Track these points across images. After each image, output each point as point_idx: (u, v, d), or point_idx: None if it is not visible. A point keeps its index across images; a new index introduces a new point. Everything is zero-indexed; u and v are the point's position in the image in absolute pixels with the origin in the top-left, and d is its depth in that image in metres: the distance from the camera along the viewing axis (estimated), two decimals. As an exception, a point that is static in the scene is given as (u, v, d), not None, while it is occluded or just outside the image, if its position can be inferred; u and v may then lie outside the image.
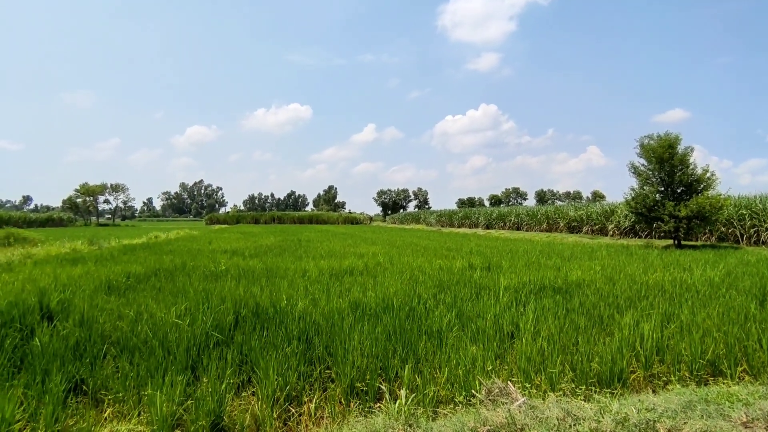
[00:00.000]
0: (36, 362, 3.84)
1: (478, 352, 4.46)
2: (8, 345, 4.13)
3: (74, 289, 6.81)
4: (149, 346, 4.30)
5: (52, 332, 4.35)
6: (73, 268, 10.28)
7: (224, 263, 10.79)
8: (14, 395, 3.18)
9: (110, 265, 11.16)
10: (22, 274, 9.23)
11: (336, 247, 18.49)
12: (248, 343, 4.42)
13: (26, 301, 5.36)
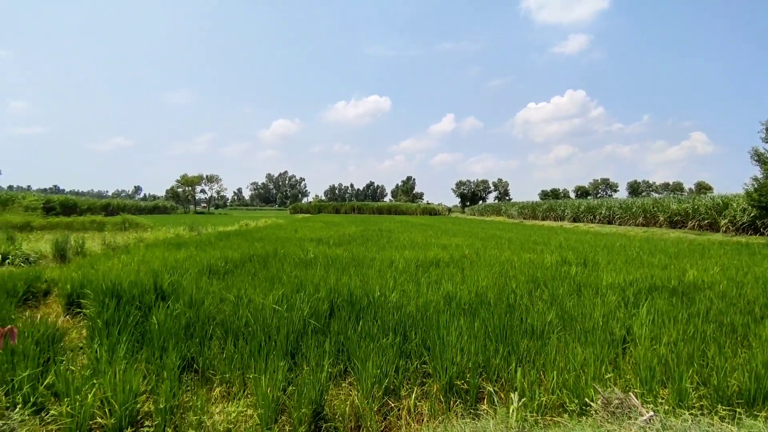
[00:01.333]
0: (154, 339, 4.17)
1: (588, 356, 4.09)
2: (131, 321, 4.54)
3: (182, 272, 7.38)
4: (250, 330, 4.49)
5: (167, 312, 4.70)
6: (177, 252, 11.22)
7: (312, 251, 11.15)
8: (139, 369, 3.44)
9: (209, 250, 12.03)
10: (137, 256, 10.24)
11: (417, 237, 18.41)
12: (344, 333, 4.45)
13: (143, 282, 5.88)
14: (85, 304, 5.69)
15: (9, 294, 6.14)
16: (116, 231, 21.70)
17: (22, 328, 4.30)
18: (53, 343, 4.08)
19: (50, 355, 3.90)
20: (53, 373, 3.42)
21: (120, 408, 3.07)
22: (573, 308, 5.72)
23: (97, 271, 7.92)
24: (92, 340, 4.34)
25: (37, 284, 7.07)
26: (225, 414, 3.25)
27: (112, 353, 3.77)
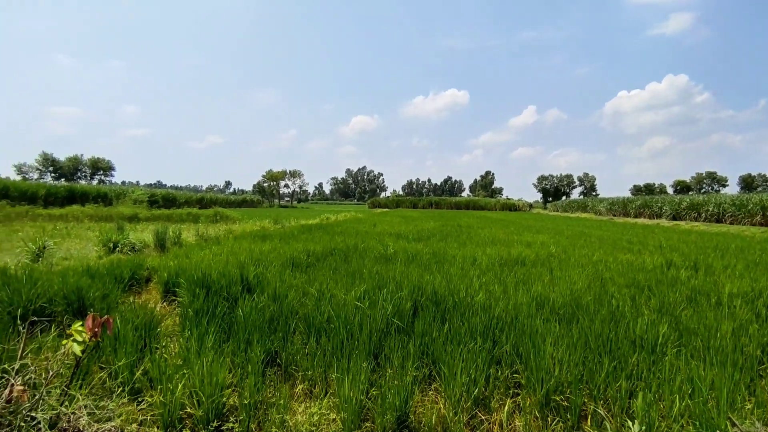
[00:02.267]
0: (240, 331, 4.23)
1: (716, 379, 3.48)
2: (219, 312, 4.67)
3: (266, 264, 7.60)
4: (332, 327, 4.41)
5: (252, 305, 4.78)
6: (262, 244, 11.70)
7: (392, 246, 11.06)
8: (225, 362, 3.48)
9: (292, 242, 12.41)
10: (226, 247, 10.82)
11: (498, 234, 17.69)
12: (429, 334, 4.21)
13: (231, 273, 6.10)
14: (179, 292, 6.01)
15: (117, 280, 6.68)
16: (209, 223, 23.38)
17: (124, 313, 4.58)
18: (150, 330, 4.29)
19: (147, 341, 4.11)
20: (149, 360, 3.56)
21: (207, 400, 3.10)
22: (689, 320, 5.00)
23: (190, 261, 8.44)
24: (183, 328, 4.52)
25: (140, 272, 7.64)
26: (307, 415, 3.17)
27: (201, 344, 3.86)
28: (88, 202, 31.77)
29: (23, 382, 2.23)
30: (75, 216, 23.45)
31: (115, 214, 24.48)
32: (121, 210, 25.90)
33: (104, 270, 7.00)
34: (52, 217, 23.02)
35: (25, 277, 5.73)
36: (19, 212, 22.78)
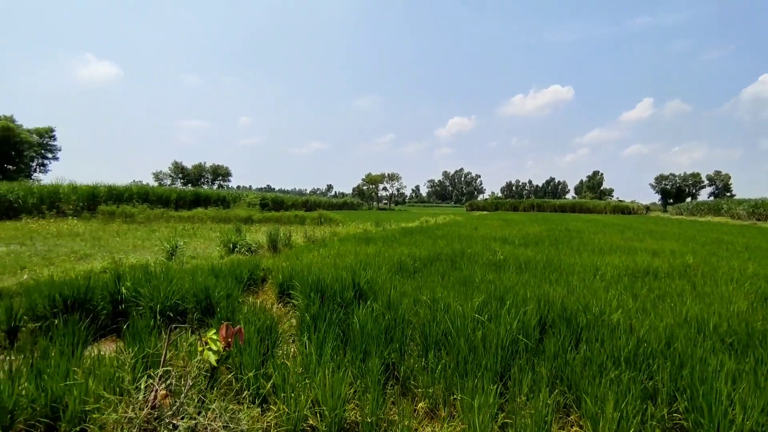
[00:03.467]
0: (356, 340, 4.13)
1: None
2: (334, 318, 4.62)
3: (375, 269, 7.55)
4: (451, 341, 4.13)
5: (367, 312, 4.67)
6: (366, 247, 11.81)
7: (500, 252, 10.48)
8: (347, 375, 3.36)
9: (395, 246, 12.37)
10: (333, 249, 11.09)
11: (615, 239, 16.06)
12: (562, 357, 3.74)
13: (343, 278, 6.10)
14: (294, 295, 6.15)
15: (237, 280, 7.07)
16: (314, 225, 24.51)
17: (246, 315, 4.75)
18: (270, 333, 4.37)
19: (269, 345, 4.17)
20: (271, 365, 3.58)
21: (330, 413, 3.00)
22: None
23: (301, 263, 8.73)
24: (301, 334, 4.54)
25: (256, 272, 8.05)
26: (434, 440, 2.92)
27: (320, 352, 3.80)
28: (210, 204, 35.15)
29: (165, 387, 2.31)
30: (200, 218, 26.04)
31: (233, 216, 26.74)
32: (238, 212, 28.20)
33: (226, 270, 7.46)
34: (181, 218, 25.80)
35: (162, 275, 6.28)
36: (156, 214, 25.87)
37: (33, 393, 3.27)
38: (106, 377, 3.37)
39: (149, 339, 4.08)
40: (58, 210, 25.25)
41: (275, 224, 23.85)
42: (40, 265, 8.97)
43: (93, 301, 5.62)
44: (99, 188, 29.37)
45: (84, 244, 13.20)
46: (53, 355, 3.74)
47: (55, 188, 27.31)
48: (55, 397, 3.23)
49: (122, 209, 25.58)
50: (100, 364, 3.66)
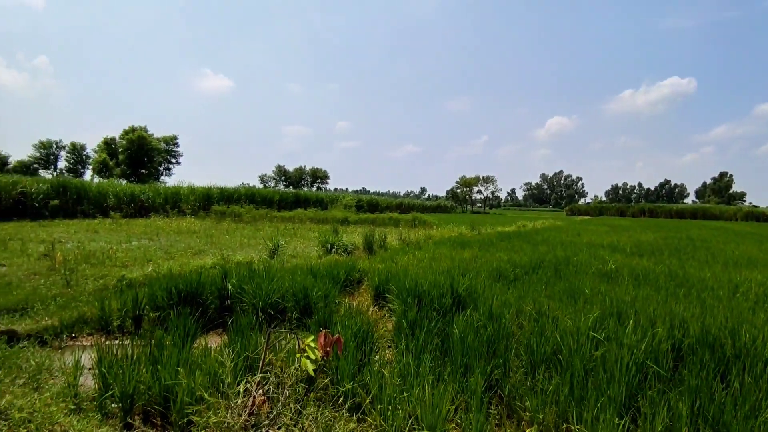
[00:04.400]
0: (456, 352, 3.86)
1: None
2: (432, 327, 4.40)
3: (472, 274, 7.19)
4: (562, 360, 3.69)
5: (467, 322, 4.38)
6: (462, 252, 11.42)
7: (610, 261, 9.49)
8: (447, 390, 3.11)
9: (492, 251, 11.82)
10: (428, 253, 10.88)
11: (751, 251, 13.86)
12: (705, 392, 3.13)
13: (441, 284, 5.85)
14: (390, 299, 6.04)
15: (334, 281, 7.16)
16: (408, 227, 24.53)
17: (343, 318, 4.70)
18: (367, 338, 4.27)
19: (365, 350, 4.07)
20: (368, 373, 3.45)
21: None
22: None
23: (396, 265, 8.65)
24: (398, 340, 4.38)
25: (353, 274, 8.11)
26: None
27: (419, 362, 3.59)
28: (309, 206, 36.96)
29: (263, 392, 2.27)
30: (300, 218, 27.42)
31: (330, 217, 27.78)
32: (335, 213, 29.24)
33: (324, 270, 7.60)
34: (283, 218, 27.37)
35: (265, 273, 6.54)
36: (261, 214, 27.75)
37: (149, 380, 3.48)
38: (211, 371, 3.49)
39: (251, 336, 4.20)
40: (179, 209, 28.19)
41: (370, 226, 24.29)
42: (163, 259, 9.92)
43: (203, 295, 6.01)
44: (212, 190, 32.30)
45: (199, 240, 14.46)
46: (167, 344, 3.98)
47: (177, 190, 30.55)
48: (167, 386, 3.41)
49: (232, 209, 27.82)
50: (207, 357, 3.82)
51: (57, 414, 2.99)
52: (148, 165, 49.79)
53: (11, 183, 22.52)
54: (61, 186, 24.20)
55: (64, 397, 3.49)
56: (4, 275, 7.79)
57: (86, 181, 30.44)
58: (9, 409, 2.85)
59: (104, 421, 3.25)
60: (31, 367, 4.13)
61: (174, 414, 3.22)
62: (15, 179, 23.31)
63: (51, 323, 5.50)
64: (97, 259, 9.52)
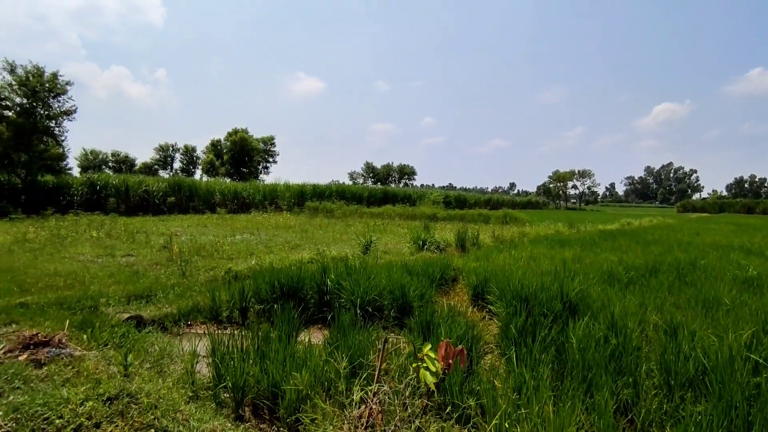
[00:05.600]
0: (575, 366, 3.46)
1: None
2: (543, 335, 4.01)
3: (579, 276, 6.57)
4: (710, 384, 3.13)
5: (585, 331, 3.93)
6: (562, 251, 10.64)
7: (750, 266, 8.20)
8: (574, 411, 2.75)
9: (596, 251, 10.88)
10: (524, 252, 10.28)
11: None
12: None
13: (546, 285, 5.40)
14: (491, 300, 5.71)
15: (429, 279, 6.96)
16: (498, 224, 23.63)
17: (444, 319, 4.48)
18: (472, 344, 4.01)
19: (471, 357, 3.81)
20: (477, 383, 3.20)
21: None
22: None
23: (492, 264, 8.24)
24: (505, 347, 4.07)
25: (447, 272, 7.86)
26: None
27: (534, 375, 3.25)
28: (397, 202, 37.23)
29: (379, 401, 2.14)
30: (388, 214, 27.66)
31: (418, 213, 27.68)
32: (423, 210, 29.09)
33: (419, 268, 7.43)
34: (372, 214, 27.80)
35: (361, 270, 6.52)
36: (351, 210, 28.44)
37: (258, 374, 3.54)
38: (317, 370, 3.46)
39: (353, 334, 4.14)
40: (276, 205, 29.84)
41: (459, 222, 23.77)
42: (264, 253, 10.43)
43: (303, 290, 6.13)
44: (306, 187, 33.77)
45: (294, 235, 15.08)
46: (273, 338, 4.05)
47: (274, 187, 32.39)
48: (275, 382, 3.44)
49: (324, 205, 28.86)
50: (311, 355, 3.82)
51: (179, 401, 3.12)
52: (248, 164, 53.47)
53: (137, 182, 25.40)
54: (176, 184, 26.80)
55: (183, 383, 3.68)
56: (133, 264, 8.66)
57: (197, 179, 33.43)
58: (138, 394, 3.03)
59: (219, 411, 3.36)
60: (155, 351, 4.45)
61: (282, 410, 3.24)
62: (140, 179, 26.28)
63: (170, 311, 5.95)
64: (206, 252, 10.25)
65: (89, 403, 2.82)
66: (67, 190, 23.09)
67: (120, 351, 4.13)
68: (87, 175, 25.77)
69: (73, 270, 7.75)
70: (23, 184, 21.57)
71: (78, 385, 3.20)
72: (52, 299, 5.86)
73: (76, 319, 5.04)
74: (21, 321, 5.00)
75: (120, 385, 3.13)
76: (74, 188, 23.35)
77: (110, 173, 37.78)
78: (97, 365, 3.78)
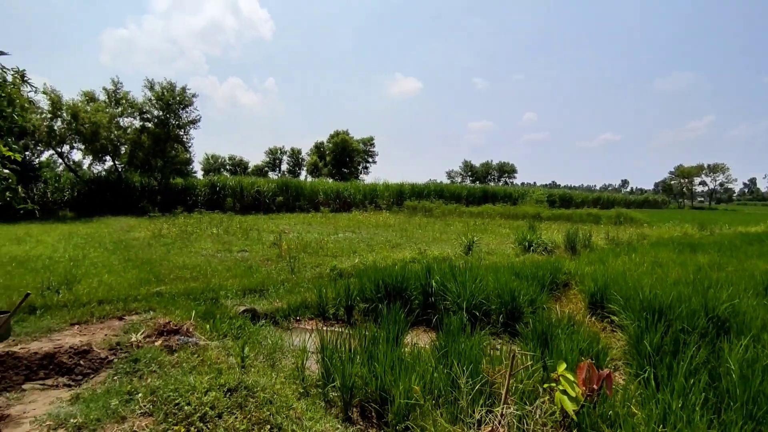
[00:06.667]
0: (734, 397, 2.89)
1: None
2: (687, 355, 3.43)
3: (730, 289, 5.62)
4: None
5: (745, 355, 3.29)
6: (694, 256, 9.34)
7: None
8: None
9: (740, 257, 9.41)
10: (646, 256, 9.22)
11: None
12: None
13: (682, 295, 4.69)
14: (614, 310, 5.13)
15: (539, 283, 6.48)
16: (610, 224, 21.61)
17: (562, 327, 4.08)
18: (598, 360, 3.57)
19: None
20: (609, 407, 2.80)
21: None
22: None
23: (610, 269, 7.46)
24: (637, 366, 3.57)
25: (558, 276, 7.28)
26: None
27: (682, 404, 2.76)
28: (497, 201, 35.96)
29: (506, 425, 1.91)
30: (488, 213, 26.80)
31: (520, 212, 26.42)
32: (525, 209, 27.72)
33: (527, 271, 6.97)
34: (471, 213, 27.13)
35: (467, 272, 6.26)
36: (450, 209, 28.04)
37: (366, 376, 3.49)
38: (425, 376, 3.32)
39: (460, 339, 3.94)
40: (375, 204, 30.45)
41: (566, 222, 22.24)
42: (366, 251, 10.59)
43: (407, 290, 6.04)
44: (404, 186, 34.02)
45: (394, 234, 15.17)
46: (381, 340, 3.99)
47: (374, 187, 33.10)
48: (383, 385, 3.36)
49: (422, 204, 28.81)
50: (419, 359, 3.69)
51: (291, 398, 3.17)
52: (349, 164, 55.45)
53: (250, 183, 27.59)
54: (284, 185, 28.61)
55: (294, 379, 3.77)
56: (247, 260, 9.29)
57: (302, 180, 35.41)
58: (255, 387, 3.13)
59: (328, 410, 3.36)
60: (268, 345, 4.64)
61: (390, 415, 3.14)
62: (253, 180, 28.51)
63: (281, 305, 6.22)
64: (312, 249, 10.67)
65: (212, 393, 2.97)
66: (193, 191, 25.80)
67: (237, 342, 4.37)
68: (208, 178, 28.66)
69: (198, 263, 8.51)
70: (159, 186, 24.52)
71: (202, 373, 3.41)
72: (181, 290, 6.44)
73: (200, 310, 5.47)
74: (157, 308, 5.56)
75: (238, 378, 3.27)
76: (198, 189, 26.03)
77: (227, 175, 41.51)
78: (218, 355, 4.03)
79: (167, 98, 23.17)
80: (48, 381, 3.46)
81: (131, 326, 4.81)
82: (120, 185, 23.47)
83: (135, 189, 24.03)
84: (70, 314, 5.21)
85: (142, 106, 23.23)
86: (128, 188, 23.75)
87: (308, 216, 23.65)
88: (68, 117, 20.59)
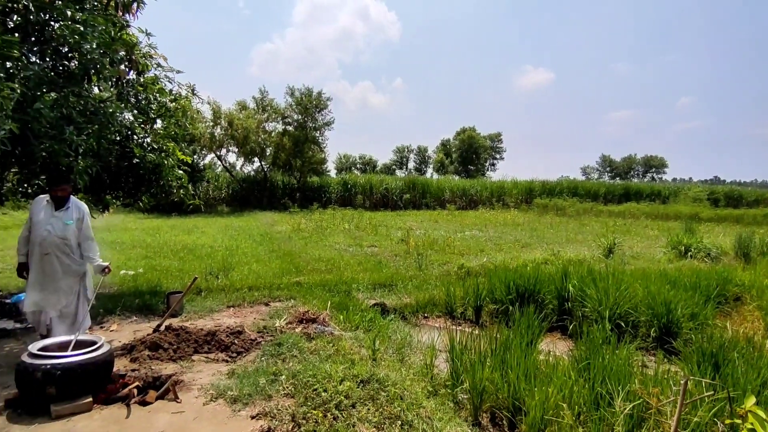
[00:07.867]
0: None
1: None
2: None
3: None
4: None
5: None
6: None
7: None
8: None
9: None
10: None
11: None
12: None
13: None
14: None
15: (702, 294, 5.59)
16: (797, 228, 17.77)
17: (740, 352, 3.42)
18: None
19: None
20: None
21: None
22: None
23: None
24: None
25: (727, 287, 6.21)
26: None
27: None
28: (642, 199, 31.98)
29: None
30: (631, 213, 24.05)
31: (672, 212, 23.21)
32: (679, 209, 24.30)
33: (685, 280, 6.06)
34: (611, 213, 24.61)
35: (610, 278, 5.65)
36: (585, 208, 25.80)
37: (498, 381, 3.33)
38: (564, 389, 3.04)
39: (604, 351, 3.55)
40: (503, 202, 29.39)
41: (734, 224, 18.97)
42: (493, 250, 10.25)
43: (541, 293, 5.67)
44: (534, 183, 32.24)
45: (524, 233, 14.45)
46: (513, 344, 3.78)
47: (501, 184, 31.99)
48: (516, 393, 3.17)
49: (554, 202, 27.00)
50: (556, 369, 3.41)
51: (420, 396, 3.16)
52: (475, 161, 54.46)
53: (379, 181, 28.69)
54: (411, 183, 29.17)
55: (422, 376, 3.76)
56: (376, 254, 9.63)
57: (428, 178, 35.69)
58: (385, 381, 3.19)
59: (457, 412, 3.29)
60: (397, 340, 4.72)
61: (525, 426, 2.95)
62: (381, 178, 29.62)
63: (409, 301, 6.31)
64: (439, 246, 10.66)
65: (347, 383, 3.10)
66: (327, 188, 27.72)
67: (369, 335, 4.52)
68: (341, 176, 30.55)
69: (332, 257, 9.06)
70: (298, 184, 26.87)
71: (337, 362, 3.58)
72: (317, 281, 6.91)
73: (335, 301, 5.79)
74: (297, 297, 6.04)
75: (370, 370, 3.37)
76: (332, 187, 27.88)
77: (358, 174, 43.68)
78: (351, 346, 4.21)
79: (305, 103, 25.22)
80: (211, 355, 3.95)
81: (275, 312, 5.30)
82: (265, 184, 26.26)
83: (278, 187, 26.69)
84: (226, 297, 5.92)
85: (284, 111, 25.63)
86: (272, 186, 26.48)
87: (434, 213, 23.75)
88: (225, 124, 23.61)
